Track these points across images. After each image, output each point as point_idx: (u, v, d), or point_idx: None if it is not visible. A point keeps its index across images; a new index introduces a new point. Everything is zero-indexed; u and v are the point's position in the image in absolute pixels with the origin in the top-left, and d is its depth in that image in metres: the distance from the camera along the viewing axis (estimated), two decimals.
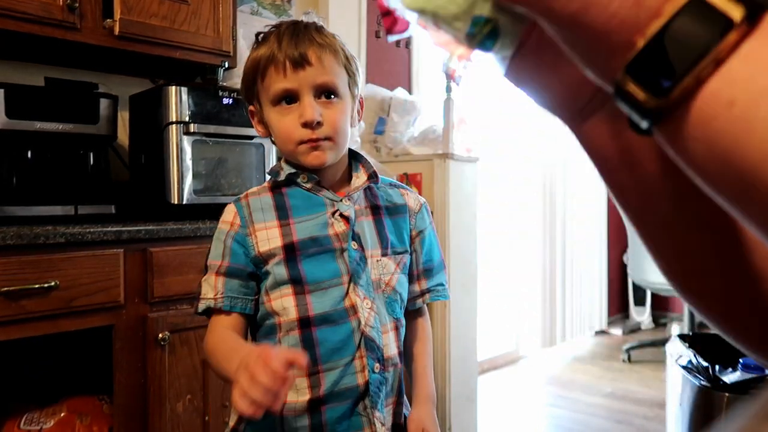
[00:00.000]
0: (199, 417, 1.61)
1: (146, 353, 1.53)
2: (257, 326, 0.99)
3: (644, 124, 0.30)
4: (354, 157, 1.05)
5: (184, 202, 1.73)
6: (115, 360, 1.50)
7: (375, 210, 1.02)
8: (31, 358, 1.68)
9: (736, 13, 0.27)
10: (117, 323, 1.51)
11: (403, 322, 1.03)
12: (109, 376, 1.51)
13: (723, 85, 0.28)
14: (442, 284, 1.09)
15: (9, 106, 1.55)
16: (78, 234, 1.43)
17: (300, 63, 0.92)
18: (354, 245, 0.96)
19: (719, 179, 0.29)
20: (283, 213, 0.97)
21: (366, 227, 1.00)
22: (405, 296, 1.03)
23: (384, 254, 0.99)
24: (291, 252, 0.94)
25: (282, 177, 0.99)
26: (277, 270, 0.94)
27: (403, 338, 1.02)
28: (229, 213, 0.99)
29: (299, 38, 0.93)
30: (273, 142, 1.01)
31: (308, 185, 0.99)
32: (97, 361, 1.59)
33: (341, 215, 0.97)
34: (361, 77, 1.02)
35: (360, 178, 1.01)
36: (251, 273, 0.96)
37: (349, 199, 0.99)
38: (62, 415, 1.48)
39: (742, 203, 0.29)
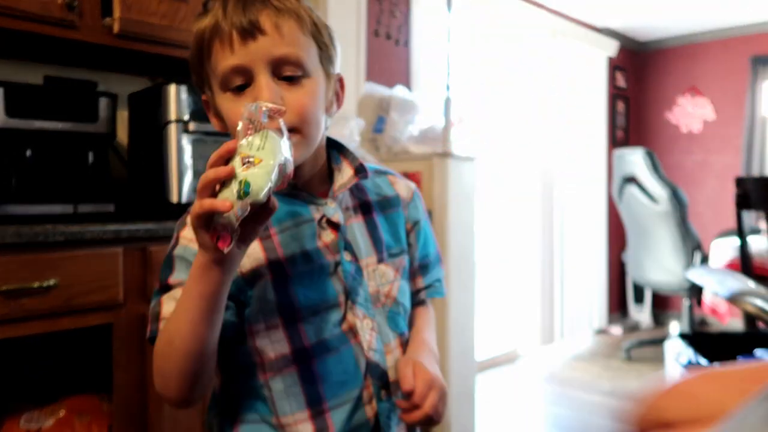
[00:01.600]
0: (199, 416, 1.61)
1: (145, 352, 1.53)
2: (235, 368, 0.81)
3: None
4: (333, 146, 0.87)
5: (184, 201, 1.73)
6: (114, 359, 1.50)
7: (365, 208, 0.87)
8: (31, 357, 1.68)
9: None
10: (116, 322, 1.50)
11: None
12: (108, 375, 1.51)
13: None
14: (439, 280, 0.95)
15: (8, 104, 1.54)
16: (77, 233, 1.42)
17: (250, 32, 0.72)
18: (347, 256, 0.81)
19: None
20: None
21: (357, 231, 0.84)
22: (409, 305, 0.89)
23: (380, 260, 0.84)
24: (279, 271, 0.78)
25: None
26: (265, 295, 0.77)
27: None
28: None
29: (248, 1, 0.73)
30: None
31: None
32: (97, 360, 1.59)
33: (328, 222, 0.81)
34: (338, 50, 0.83)
35: (344, 173, 0.84)
36: (232, 295, 0.74)
37: (334, 201, 0.82)
38: (62, 414, 1.48)
39: None
